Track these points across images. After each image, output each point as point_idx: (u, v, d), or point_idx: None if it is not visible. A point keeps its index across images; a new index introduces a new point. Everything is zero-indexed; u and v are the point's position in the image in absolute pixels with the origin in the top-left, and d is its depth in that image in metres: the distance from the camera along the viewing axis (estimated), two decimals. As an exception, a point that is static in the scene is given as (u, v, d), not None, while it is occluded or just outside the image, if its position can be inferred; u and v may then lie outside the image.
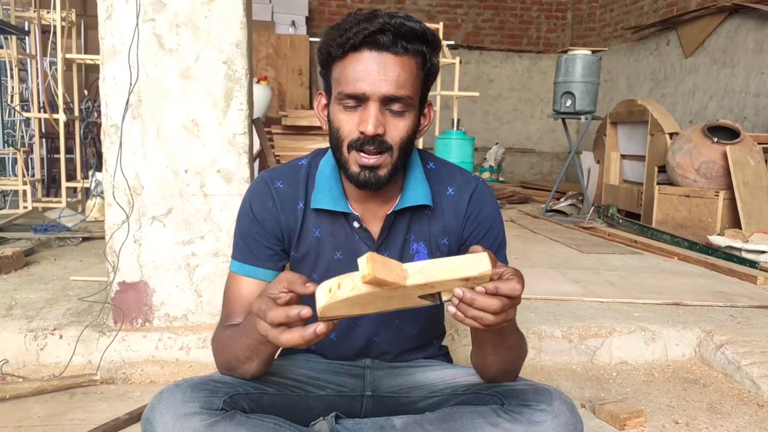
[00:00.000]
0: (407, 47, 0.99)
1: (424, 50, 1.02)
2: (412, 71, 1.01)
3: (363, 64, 0.99)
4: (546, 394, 1.02)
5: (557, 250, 3.59)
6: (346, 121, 1.02)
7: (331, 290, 0.82)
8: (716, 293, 2.60)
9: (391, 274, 0.79)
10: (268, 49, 6.73)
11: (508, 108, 9.02)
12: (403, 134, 1.03)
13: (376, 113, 0.99)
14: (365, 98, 0.99)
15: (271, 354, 1.02)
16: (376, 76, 0.98)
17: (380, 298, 0.83)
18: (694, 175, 3.92)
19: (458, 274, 0.81)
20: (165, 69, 1.86)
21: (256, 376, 1.07)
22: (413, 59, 1.01)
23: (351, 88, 0.99)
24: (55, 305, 2.16)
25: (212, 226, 1.93)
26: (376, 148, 1.01)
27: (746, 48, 5.62)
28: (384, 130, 1.01)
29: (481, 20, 8.96)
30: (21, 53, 4.83)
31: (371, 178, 1.03)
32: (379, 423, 1.13)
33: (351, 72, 0.99)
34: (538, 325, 2.10)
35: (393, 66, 0.99)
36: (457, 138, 5.32)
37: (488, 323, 0.84)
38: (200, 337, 1.92)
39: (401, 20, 0.98)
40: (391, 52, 0.99)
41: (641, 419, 1.62)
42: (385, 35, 0.98)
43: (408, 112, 1.03)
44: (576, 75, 4.83)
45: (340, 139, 1.03)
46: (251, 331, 0.95)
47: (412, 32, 0.99)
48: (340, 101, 1.02)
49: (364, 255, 0.79)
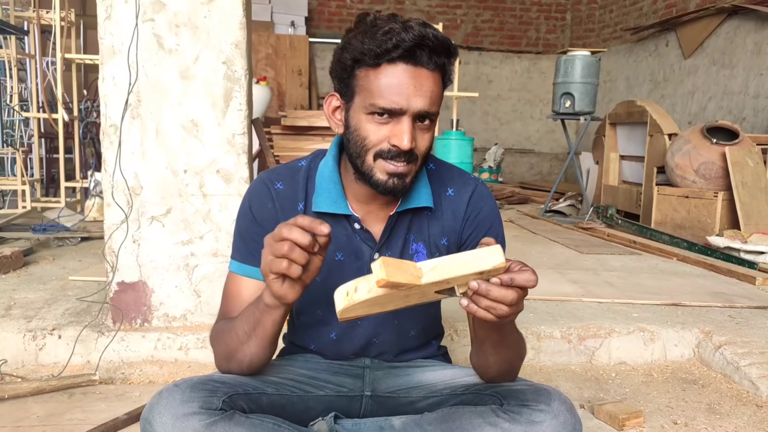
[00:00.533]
0: (437, 62, 1.00)
1: (446, 63, 1.03)
2: (439, 85, 1.03)
3: (399, 78, 0.98)
4: (545, 395, 1.02)
5: (556, 250, 3.60)
6: (374, 132, 1.02)
7: (348, 294, 0.84)
8: (715, 294, 2.60)
9: (406, 275, 0.80)
10: (267, 50, 6.73)
11: (507, 108, 9.03)
12: (427, 145, 1.06)
13: (410, 128, 1.00)
14: (401, 113, 1.00)
15: (270, 334, 1.01)
16: (413, 92, 0.98)
17: (397, 296, 0.85)
18: (693, 175, 3.92)
19: (473, 269, 0.82)
20: (164, 69, 1.86)
21: (254, 365, 1.06)
22: (439, 73, 1.02)
23: (386, 102, 0.99)
24: (53, 305, 2.16)
25: (211, 227, 1.93)
26: (407, 159, 1.02)
27: (745, 49, 5.62)
28: (415, 144, 1.02)
29: (480, 21, 8.96)
30: (20, 53, 4.83)
31: (399, 184, 1.04)
32: (378, 423, 1.13)
33: (386, 85, 0.99)
34: (537, 325, 2.10)
35: (427, 82, 1.00)
36: (457, 138, 5.32)
37: (502, 314, 0.84)
38: (199, 337, 1.91)
39: (433, 32, 0.98)
40: (425, 68, 0.99)
41: (640, 419, 1.63)
42: (422, 50, 0.98)
43: (432, 124, 1.05)
44: (575, 76, 4.83)
45: (366, 147, 1.03)
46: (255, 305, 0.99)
47: (442, 45, 1.00)
48: (371, 111, 1.01)
49: (377, 260, 0.80)
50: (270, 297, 0.94)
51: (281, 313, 0.98)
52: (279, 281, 0.90)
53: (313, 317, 1.19)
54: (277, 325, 1.00)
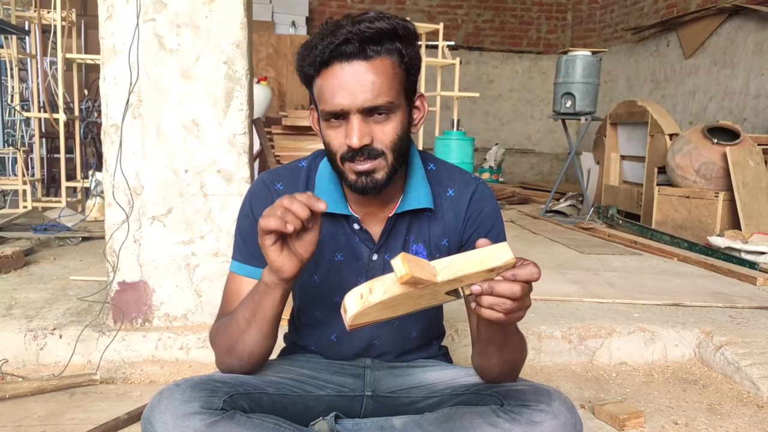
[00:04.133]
0: (377, 49, 0.98)
1: (398, 47, 1.00)
2: (387, 73, 0.99)
3: (336, 78, 0.98)
4: (545, 395, 1.02)
5: (557, 250, 3.60)
6: (334, 136, 1.03)
7: (362, 296, 0.82)
8: (716, 294, 2.60)
9: (424, 272, 0.80)
10: (268, 49, 6.72)
11: (508, 109, 9.02)
12: (392, 137, 1.02)
13: (359, 125, 0.99)
14: (345, 113, 0.99)
15: (270, 318, 1.01)
16: (351, 88, 0.97)
17: (410, 298, 0.84)
18: (693, 176, 3.92)
19: (484, 266, 0.82)
20: (165, 69, 1.86)
21: (254, 356, 1.06)
22: (387, 59, 0.99)
23: (330, 105, 0.99)
24: (54, 305, 2.16)
25: (212, 226, 1.93)
26: (366, 156, 1.01)
27: (746, 49, 5.62)
28: (371, 139, 1.00)
29: (481, 21, 8.96)
30: (21, 53, 4.84)
31: (369, 182, 1.03)
32: (378, 423, 1.13)
33: (327, 89, 0.99)
34: (538, 325, 2.10)
35: (366, 74, 0.97)
36: (457, 138, 5.32)
37: (508, 309, 0.84)
38: (200, 337, 1.92)
39: (366, 24, 0.97)
40: (361, 59, 0.97)
41: (641, 420, 1.63)
42: (350, 44, 0.96)
43: (393, 114, 1.02)
44: (576, 76, 4.83)
45: (332, 153, 1.04)
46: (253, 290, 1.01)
47: (379, 33, 0.97)
48: (325, 118, 1.02)
49: (398, 256, 0.79)
50: (269, 274, 0.95)
51: (281, 293, 0.99)
52: (277, 248, 0.92)
53: (313, 318, 1.19)
54: (277, 307, 1.00)
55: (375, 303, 0.81)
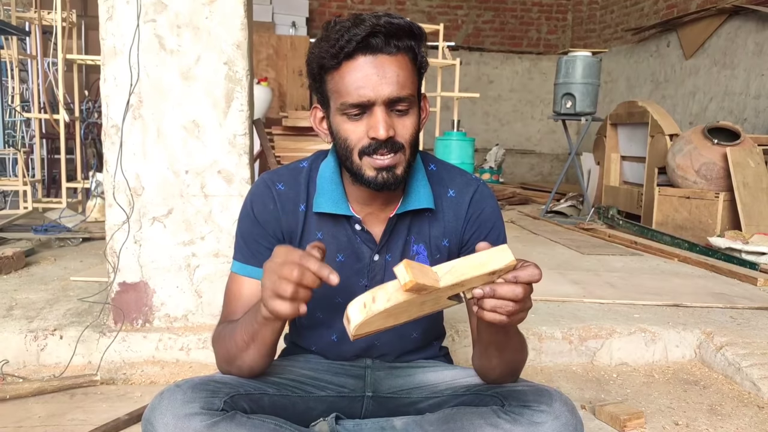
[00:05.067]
0: (399, 45, 0.99)
1: (413, 45, 1.02)
2: (407, 68, 1.01)
3: (361, 70, 0.98)
4: (546, 395, 1.02)
5: (557, 251, 3.60)
6: (352, 131, 1.02)
7: (365, 305, 0.81)
8: (716, 295, 2.60)
9: (427, 278, 0.80)
10: (268, 50, 6.72)
11: (508, 109, 9.03)
12: (411, 131, 1.03)
13: (384, 117, 0.99)
14: (370, 104, 0.99)
15: (269, 342, 1.01)
16: (377, 80, 0.98)
17: (414, 305, 0.83)
18: (694, 176, 3.92)
19: (485, 269, 0.82)
20: (166, 70, 1.86)
21: (255, 371, 1.06)
22: (406, 56, 1.01)
23: (354, 97, 0.99)
24: (55, 306, 2.16)
25: (213, 227, 1.93)
26: (389, 149, 1.01)
27: (746, 50, 5.62)
28: (394, 132, 1.01)
29: (481, 21, 8.96)
30: (22, 54, 4.84)
31: (390, 178, 1.03)
32: (379, 424, 1.13)
33: (350, 81, 0.99)
34: (539, 326, 2.10)
35: (391, 66, 0.99)
36: (458, 139, 5.32)
37: (510, 311, 0.85)
38: (200, 337, 1.92)
39: (387, 18, 0.98)
40: (385, 53, 0.98)
41: (641, 420, 1.62)
42: (376, 37, 0.97)
43: (411, 109, 1.03)
44: (576, 76, 4.83)
45: (350, 148, 1.03)
46: (252, 315, 0.98)
47: (401, 29, 0.99)
48: (344, 112, 1.01)
49: (400, 263, 0.79)
50: (266, 311, 0.93)
51: (280, 325, 0.99)
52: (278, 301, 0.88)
53: (314, 319, 1.19)
54: (276, 333, 1.00)
55: (378, 311, 0.81)
